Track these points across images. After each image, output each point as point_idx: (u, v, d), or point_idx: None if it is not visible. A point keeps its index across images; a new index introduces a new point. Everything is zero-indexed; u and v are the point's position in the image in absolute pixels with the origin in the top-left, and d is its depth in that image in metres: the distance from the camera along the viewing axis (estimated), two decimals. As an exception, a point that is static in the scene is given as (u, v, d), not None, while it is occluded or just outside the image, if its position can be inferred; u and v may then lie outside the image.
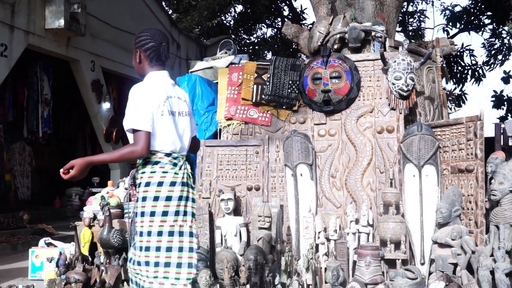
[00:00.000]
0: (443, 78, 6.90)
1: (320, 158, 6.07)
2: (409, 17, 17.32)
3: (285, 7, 19.29)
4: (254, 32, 20.41)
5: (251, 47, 19.37)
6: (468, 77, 16.45)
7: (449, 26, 16.80)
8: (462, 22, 16.75)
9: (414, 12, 17.38)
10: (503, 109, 16.48)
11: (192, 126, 3.56)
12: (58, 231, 9.43)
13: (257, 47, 19.14)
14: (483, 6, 16.37)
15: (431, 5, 17.35)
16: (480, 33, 17.08)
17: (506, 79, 16.50)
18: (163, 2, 17.64)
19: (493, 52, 16.81)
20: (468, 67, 16.44)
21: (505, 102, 16.38)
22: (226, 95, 6.64)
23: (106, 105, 11.87)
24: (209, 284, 4.94)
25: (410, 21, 17.48)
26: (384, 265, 5.27)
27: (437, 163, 5.45)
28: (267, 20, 19.25)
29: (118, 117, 10.39)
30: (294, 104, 6.27)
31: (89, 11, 10.79)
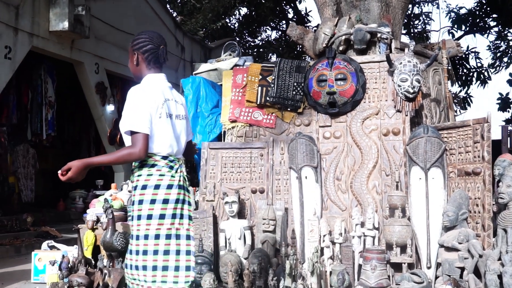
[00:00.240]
0: (449, 80, 6.84)
1: (325, 161, 6.02)
2: (414, 19, 17.27)
3: (290, 10, 19.32)
4: (259, 34, 20.43)
5: (255, 50, 19.37)
6: (474, 79, 16.41)
7: (454, 29, 16.77)
8: (468, 24, 16.71)
9: (419, 15, 17.33)
10: (509, 111, 16.44)
11: (188, 129, 3.56)
12: (62, 233, 9.40)
13: (261, 50, 19.14)
14: (488, 9, 16.35)
15: (437, 7, 17.29)
16: (486, 35, 17.05)
17: (512, 81, 16.46)
18: (168, 5, 17.66)
19: (498, 54, 16.80)
20: (474, 70, 16.41)
21: (511, 105, 16.32)
22: (230, 97, 6.60)
23: (110, 107, 11.85)
24: (213, 288, 4.91)
25: (415, 23, 17.44)
26: (390, 269, 5.21)
27: (444, 165, 5.40)
28: (271, 22, 19.25)
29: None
30: (299, 106, 6.23)
31: (93, 13, 10.78)
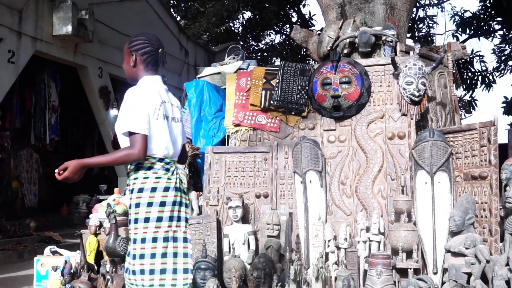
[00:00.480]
0: (455, 83, 6.78)
1: (330, 165, 5.97)
2: (418, 23, 17.23)
3: (294, 14, 19.28)
4: (263, 38, 20.43)
5: (259, 54, 19.37)
6: (478, 83, 16.36)
7: (458, 32, 16.71)
8: (472, 28, 16.66)
9: (423, 18, 17.29)
10: (514, 115, 16.38)
11: (183, 133, 3.55)
12: (65, 238, 9.39)
13: (265, 54, 19.13)
14: (493, 12, 16.28)
15: (441, 10, 17.27)
16: (490, 39, 16.99)
17: (517, 85, 16.41)
18: (172, 9, 17.68)
19: (503, 58, 16.72)
20: (478, 73, 16.35)
21: (516, 108, 16.28)
22: (234, 101, 6.56)
23: (114, 111, 11.84)
24: (216, 294, 4.87)
25: (419, 27, 17.40)
26: (396, 275, 5.16)
27: (450, 169, 5.35)
28: (275, 26, 19.23)
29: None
30: (303, 110, 6.18)
31: (97, 17, 10.79)
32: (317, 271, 4.99)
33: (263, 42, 20.51)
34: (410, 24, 14.27)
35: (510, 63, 16.63)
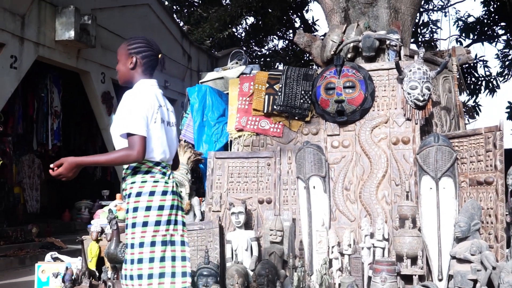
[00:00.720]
0: (460, 88, 6.73)
1: (334, 170, 5.93)
2: (422, 28, 17.20)
3: (297, 19, 19.27)
4: (266, 44, 20.42)
5: (262, 59, 19.35)
6: (482, 88, 16.30)
7: (462, 37, 16.67)
8: (476, 33, 16.62)
9: (427, 23, 17.25)
10: (518, 120, 16.30)
11: (177, 138, 3.55)
12: (67, 244, 9.35)
13: (268, 59, 19.11)
14: (496, 17, 16.24)
15: (444, 15, 17.23)
16: (494, 44, 16.93)
17: (521, 90, 16.35)
18: (174, 14, 17.68)
19: (507, 63, 16.66)
20: (482, 78, 16.29)
21: (520, 114, 16.20)
22: (237, 106, 6.54)
23: (117, 117, 11.79)
24: (219, 301, 4.83)
25: (422, 32, 17.36)
26: (400, 281, 5.11)
27: (455, 175, 5.30)
28: (278, 32, 19.22)
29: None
30: (306, 115, 6.14)
31: (99, 23, 10.76)
32: (321, 278, 4.97)
33: (266, 47, 20.51)
34: (413, 29, 14.26)
35: (514, 68, 16.59)
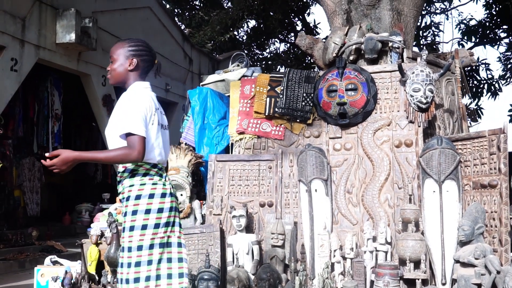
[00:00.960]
0: (463, 90, 6.68)
1: (336, 173, 5.89)
2: (423, 31, 17.17)
3: (298, 22, 19.26)
4: (267, 47, 20.41)
5: (263, 62, 19.34)
6: (484, 91, 16.26)
7: (464, 40, 16.64)
8: (478, 36, 16.58)
9: (429, 26, 17.22)
10: (521, 123, 16.24)
11: (169, 141, 3.54)
12: (68, 248, 9.30)
13: (269, 62, 19.09)
14: (499, 20, 16.20)
15: (446, 18, 17.20)
16: (496, 47, 16.90)
17: (523, 93, 16.32)
18: (176, 17, 17.66)
19: (509, 66, 16.62)
20: (484, 81, 16.25)
21: (523, 117, 16.14)
22: (238, 108, 6.50)
23: (117, 120, 11.76)
24: (220, 305, 4.79)
25: (424, 35, 17.33)
26: (403, 285, 5.08)
27: (459, 178, 5.25)
28: (280, 35, 19.21)
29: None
30: (308, 117, 6.10)
31: (100, 26, 10.75)
32: (323, 282, 4.93)
33: (267, 50, 20.50)
34: (415, 32, 14.24)
35: (516, 71, 16.54)
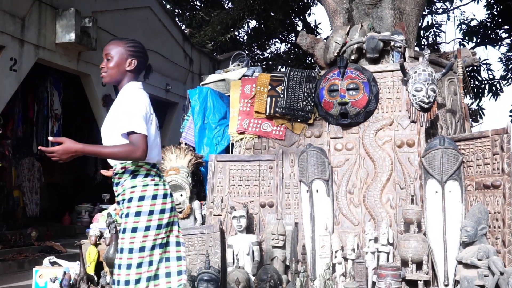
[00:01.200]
0: (465, 90, 6.64)
1: (337, 174, 5.85)
2: (424, 31, 17.14)
3: (299, 22, 19.25)
4: (268, 47, 20.38)
5: (264, 62, 19.32)
6: (485, 91, 16.24)
7: (465, 40, 16.62)
8: (479, 36, 16.56)
9: (431, 26, 17.19)
10: (522, 124, 16.20)
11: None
12: (67, 248, 9.26)
13: (270, 63, 19.07)
14: (500, 20, 16.18)
15: (447, 18, 17.17)
16: (497, 47, 16.88)
17: (525, 93, 16.30)
18: (176, 17, 17.64)
19: (510, 66, 16.60)
20: (485, 82, 16.22)
21: (524, 117, 16.14)
22: (238, 108, 6.47)
23: (117, 120, 11.73)
24: (220, 307, 4.75)
25: (425, 35, 17.30)
26: (405, 287, 5.05)
27: (461, 178, 5.22)
28: (280, 35, 19.19)
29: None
30: (309, 117, 6.06)
31: (100, 25, 10.72)
32: (324, 283, 4.90)
33: (268, 50, 20.49)
34: (417, 32, 14.21)
35: (517, 71, 16.51)
